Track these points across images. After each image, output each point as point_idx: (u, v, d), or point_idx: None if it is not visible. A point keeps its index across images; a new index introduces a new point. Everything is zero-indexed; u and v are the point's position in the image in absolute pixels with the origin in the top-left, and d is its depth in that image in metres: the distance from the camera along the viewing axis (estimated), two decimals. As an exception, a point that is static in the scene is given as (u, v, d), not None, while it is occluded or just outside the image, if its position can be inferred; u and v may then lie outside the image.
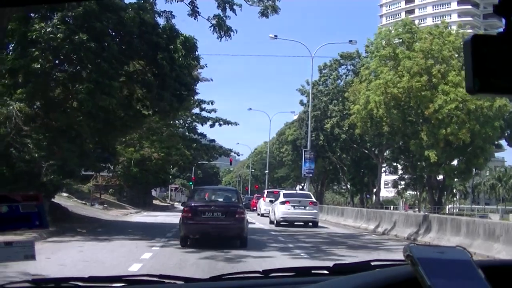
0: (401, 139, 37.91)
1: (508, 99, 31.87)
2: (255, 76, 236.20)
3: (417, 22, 48.58)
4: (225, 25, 14.03)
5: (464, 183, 53.08)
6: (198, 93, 33.49)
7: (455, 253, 1.06)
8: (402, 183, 47.76)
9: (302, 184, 61.70)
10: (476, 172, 41.08)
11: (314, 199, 22.73)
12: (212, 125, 33.82)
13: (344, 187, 58.45)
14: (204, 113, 34.13)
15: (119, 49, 14.41)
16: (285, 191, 26.53)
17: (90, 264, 8.12)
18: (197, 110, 34.69)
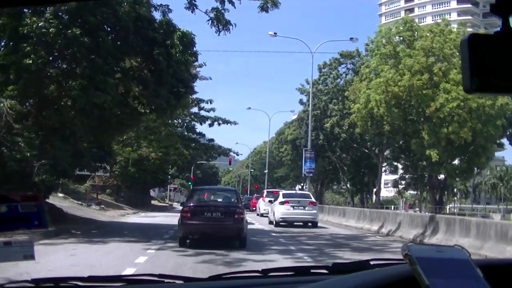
0: (402, 138, 37.55)
1: (510, 97, 31.54)
2: (255, 76, 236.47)
3: (416, 21, 48.18)
4: (223, 18, 13.51)
5: (464, 183, 52.75)
6: (197, 92, 33.23)
7: (453, 252, 1.06)
8: (403, 182, 47.40)
9: (301, 184, 61.46)
10: (477, 171, 40.73)
11: (313, 199, 22.62)
12: (211, 125, 33.55)
13: (344, 187, 58.08)
14: (203, 112, 33.90)
15: (114, 44, 13.93)
16: (284, 191, 26.44)
17: (81, 269, 7.66)
18: (195, 109, 34.45)
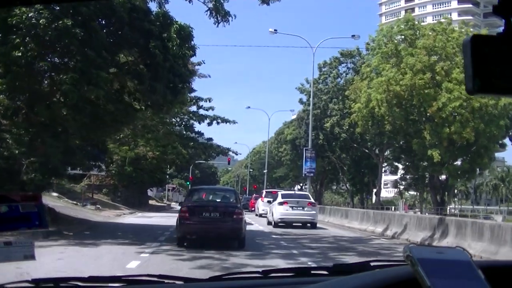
0: (403, 138, 37.03)
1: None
2: (254, 75, 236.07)
3: (415, 22, 47.78)
4: (222, 9, 12.87)
5: (466, 183, 52.31)
6: (195, 90, 32.69)
7: (455, 253, 1.06)
8: (404, 183, 46.90)
9: (300, 184, 60.93)
10: (480, 172, 40.29)
11: (312, 200, 22.34)
12: (209, 123, 33.09)
13: (343, 187, 57.55)
14: (201, 111, 33.39)
15: (108, 36, 13.30)
16: (283, 191, 26.08)
17: (65, 276, 7.03)
18: (194, 108, 33.94)
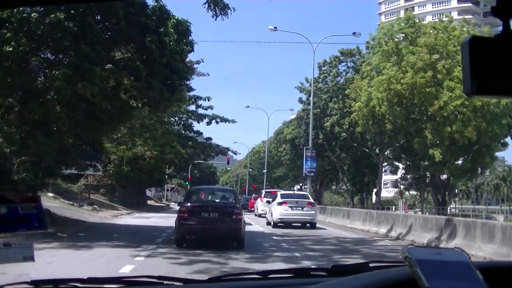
0: (404, 137, 36.61)
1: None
2: (253, 74, 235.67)
3: (416, 20, 47.42)
4: (221, 1, 12.44)
5: (466, 183, 51.92)
6: (194, 89, 32.29)
7: (453, 254, 1.05)
8: (404, 182, 46.48)
9: (300, 184, 60.50)
10: (481, 171, 39.93)
11: (311, 200, 22.10)
12: (208, 123, 32.76)
13: (343, 187, 57.13)
14: (200, 110, 33.04)
15: (103, 31, 12.84)
16: (282, 191, 25.81)
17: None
18: (193, 107, 33.57)
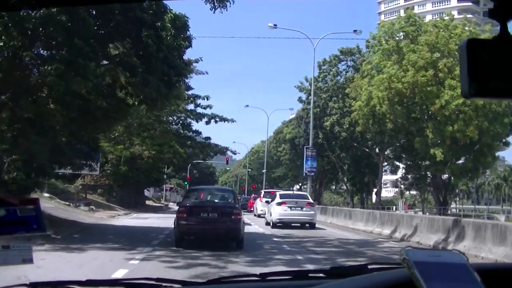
0: (405, 136, 36.21)
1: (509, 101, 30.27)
2: (253, 74, 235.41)
3: (417, 19, 47.07)
4: (219, -7, 12.05)
5: (468, 183, 51.59)
6: (193, 88, 31.90)
7: (451, 256, 1.06)
8: (405, 182, 46.10)
9: (300, 184, 60.12)
10: (482, 171, 39.58)
11: (311, 200, 21.84)
12: (207, 122, 32.37)
13: (343, 187, 56.75)
14: (199, 109, 32.66)
15: (98, 26, 12.42)
16: (281, 191, 25.53)
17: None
18: (191, 106, 33.19)
